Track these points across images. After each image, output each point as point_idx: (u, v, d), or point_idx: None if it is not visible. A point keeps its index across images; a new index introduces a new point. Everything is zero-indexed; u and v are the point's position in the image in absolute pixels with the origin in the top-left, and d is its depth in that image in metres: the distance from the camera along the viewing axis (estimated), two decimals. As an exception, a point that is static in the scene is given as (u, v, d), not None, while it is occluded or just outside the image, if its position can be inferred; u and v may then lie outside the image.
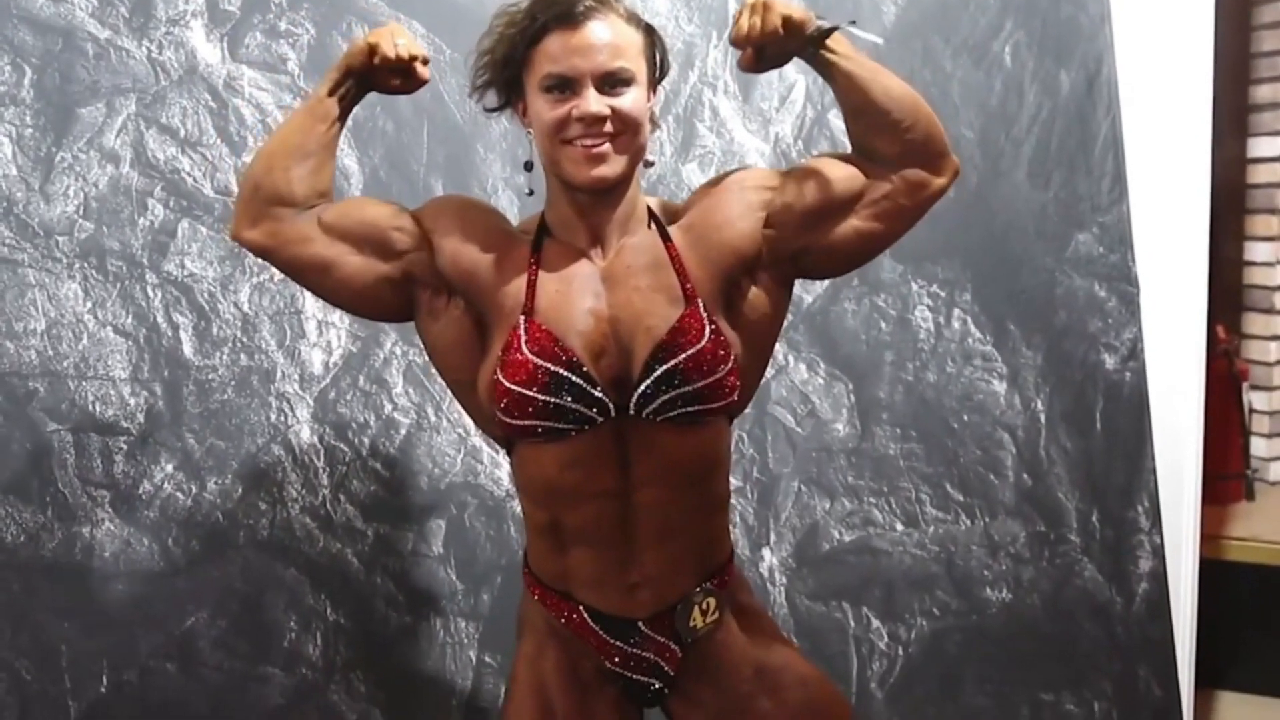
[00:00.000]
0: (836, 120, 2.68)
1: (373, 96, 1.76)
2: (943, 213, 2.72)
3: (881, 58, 1.72)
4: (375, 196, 2.30)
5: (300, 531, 2.32)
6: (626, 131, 1.71)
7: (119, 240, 2.26)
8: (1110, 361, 2.84)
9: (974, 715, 2.72)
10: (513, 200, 2.44)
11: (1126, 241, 2.84)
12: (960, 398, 2.74)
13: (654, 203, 1.85)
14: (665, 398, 1.72)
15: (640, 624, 1.82)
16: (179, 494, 2.27)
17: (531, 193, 1.82)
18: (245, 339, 2.31)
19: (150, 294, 2.27)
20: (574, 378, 1.70)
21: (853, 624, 2.66)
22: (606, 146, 1.70)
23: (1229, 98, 3.95)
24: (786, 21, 1.72)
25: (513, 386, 1.71)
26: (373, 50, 1.75)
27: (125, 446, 2.25)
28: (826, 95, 2.67)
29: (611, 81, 1.69)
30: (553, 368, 1.70)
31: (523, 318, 1.73)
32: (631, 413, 1.73)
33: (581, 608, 1.82)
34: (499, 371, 1.72)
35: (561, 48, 1.69)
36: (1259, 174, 4.30)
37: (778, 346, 1.93)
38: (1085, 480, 2.82)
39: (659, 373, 1.71)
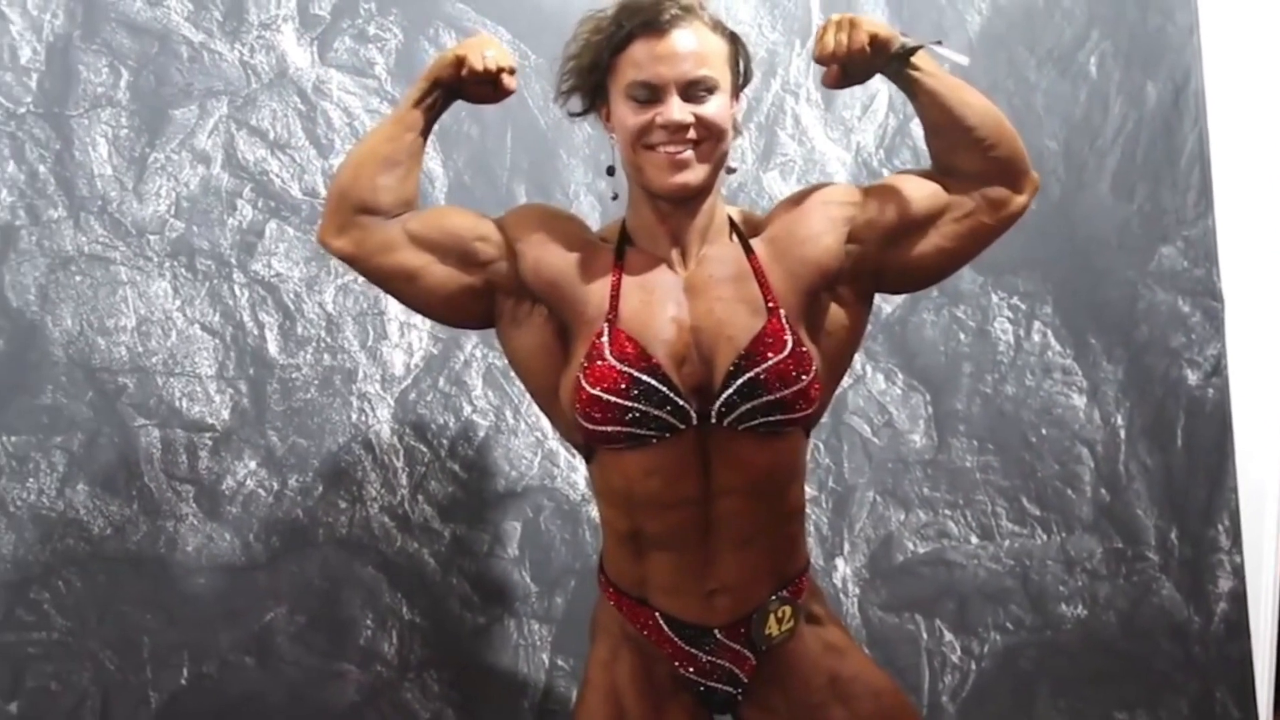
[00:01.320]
0: (919, 129, 2.66)
1: (459, 102, 1.77)
2: (1024, 224, 2.70)
3: (965, 68, 1.71)
4: (459, 201, 2.33)
5: (379, 530, 2.35)
6: (709, 139, 1.72)
7: (208, 240, 2.30)
8: (1193, 377, 2.80)
9: (1046, 732, 2.70)
10: (594, 205, 2.44)
11: (1211, 256, 2.80)
12: (1039, 411, 2.71)
13: (734, 212, 1.85)
14: (746, 407, 1.72)
15: (716, 631, 1.82)
16: (261, 490, 2.30)
17: (615, 197, 1.83)
18: (329, 339, 2.34)
19: (237, 293, 2.31)
20: (657, 384, 1.71)
21: (925, 636, 2.64)
22: (689, 153, 1.71)
23: (1318, 110, 3.87)
24: (873, 39, 1.72)
25: (596, 392, 1.71)
26: (461, 62, 1.77)
27: (210, 443, 2.29)
28: (909, 105, 2.65)
29: (695, 89, 1.70)
30: (636, 374, 1.71)
31: (607, 324, 1.73)
32: (713, 421, 1.73)
33: (657, 614, 1.83)
34: (582, 377, 1.73)
35: (646, 55, 1.70)
36: (1347, 188, 4.21)
37: (855, 356, 1.93)
38: (1165, 497, 2.78)
39: (740, 382, 1.72)
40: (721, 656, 1.84)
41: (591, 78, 1.76)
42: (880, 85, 2.63)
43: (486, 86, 1.80)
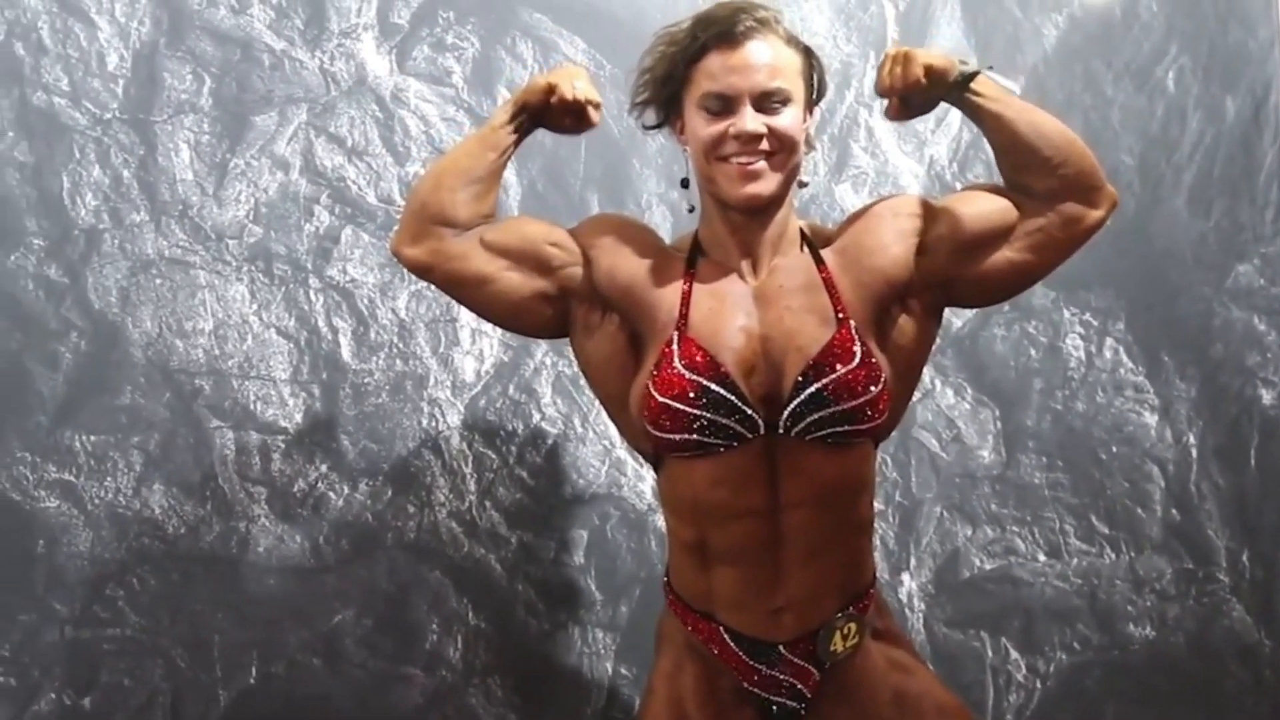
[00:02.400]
0: (993, 143, 2.65)
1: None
2: (1098, 239, 2.66)
3: (1041, 81, 1.70)
4: (532, 210, 2.34)
5: (446, 535, 2.36)
6: (782, 150, 1.72)
7: (285, 245, 2.32)
8: (1268, 397, 2.76)
9: (1112, 752, 2.67)
10: (666, 216, 2.45)
11: (1289, 274, 2.77)
12: (1110, 428, 2.69)
13: (804, 225, 1.86)
14: (814, 417, 1.72)
15: (780, 647, 1.82)
16: (331, 494, 2.33)
17: (692, 209, 1.83)
18: (401, 345, 2.36)
19: (313, 298, 2.33)
20: (725, 393, 1.71)
21: (990, 653, 2.62)
22: (761, 164, 1.72)
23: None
24: (928, 70, 1.73)
25: (665, 400, 1.72)
26: (552, 90, 1.79)
27: (283, 445, 2.31)
28: (983, 118, 2.65)
29: (769, 100, 1.71)
30: (705, 382, 1.71)
31: (676, 332, 1.74)
32: (781, 431, 1.73)
33: (722, 628, 1.83)
34: (651, 385, 1.74)
35: (721, 66, 1.71)
36: None
37: (924, 370, 1.93)
38: (1236, 518, 2.74)
39: (809, 392, 1.72)
40: (786, 671, 1.83)
41: (666, 89, 1.78)
42: (955, 98, 2.62)
43: (571, 117, 1.82)
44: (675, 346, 1.73)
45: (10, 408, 2.23)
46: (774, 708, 1.86)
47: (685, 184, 1.84)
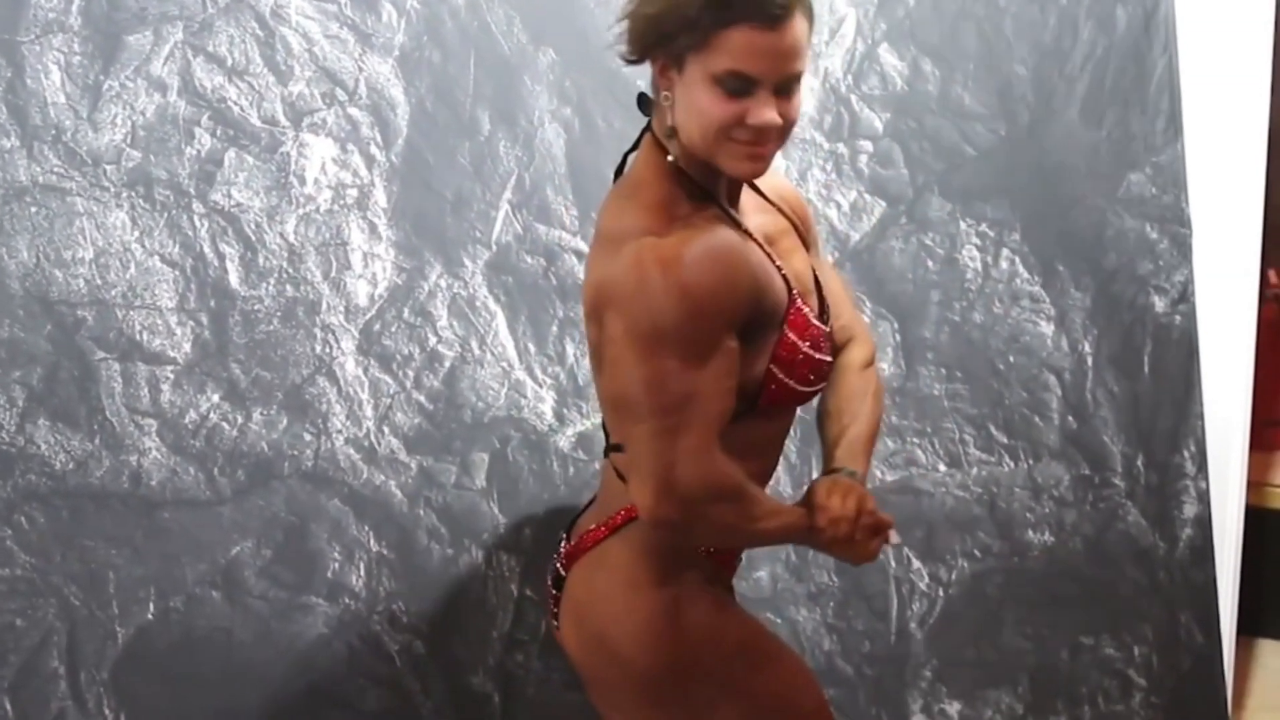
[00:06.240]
0: (887, 55, 2.65)
1: (419, 25, 1.71)
2: (993, 151, 2.71)
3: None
4: (423, 130, 2.31)
5: (345, 463, 2.33)
6: (787, 131, 1.66)
7: (166, 169, 2.25)
8: (1160, 304, 2.81)
9: (1013, 657, 2.72)
10: (559, 133, 2.42)
11: (1180, 183, 2.80)
12: (1007, 339, 2.72)
13: None
14: None
15: None
16: (225, 424, 2.28)
17: (673, 160, 1.71)
18: (291, 270, 2.31)
19: (197, 224, 2.27)
20: (828, 330, 1.81)
21: (894, 564, 2.65)
22: (770, 147, 1.66)
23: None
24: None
25: (814, 355, 1.74)
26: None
27: (172, 376, 2.26)
28: (877, 30, 2.64)
29: (788, 83, 1.62)
30: (823, 325, 1.78)
31: (792, 289, 1.74)
32: None
33: None
34: (802, 345, 1.72)
35: (749, 45, 1.57)
36: (1316, 116, 4.21)
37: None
38: (1131, 424, 2.80)
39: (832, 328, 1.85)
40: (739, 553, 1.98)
41: (673, 45, 1.61)
42: (848, 9, 2.61)
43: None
44: (800, 303, 1.74)
45: (-118, 344, 2.15)
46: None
47: (643, 108, 1.73)
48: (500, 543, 2.41)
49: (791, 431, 2.54)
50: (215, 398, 2.28)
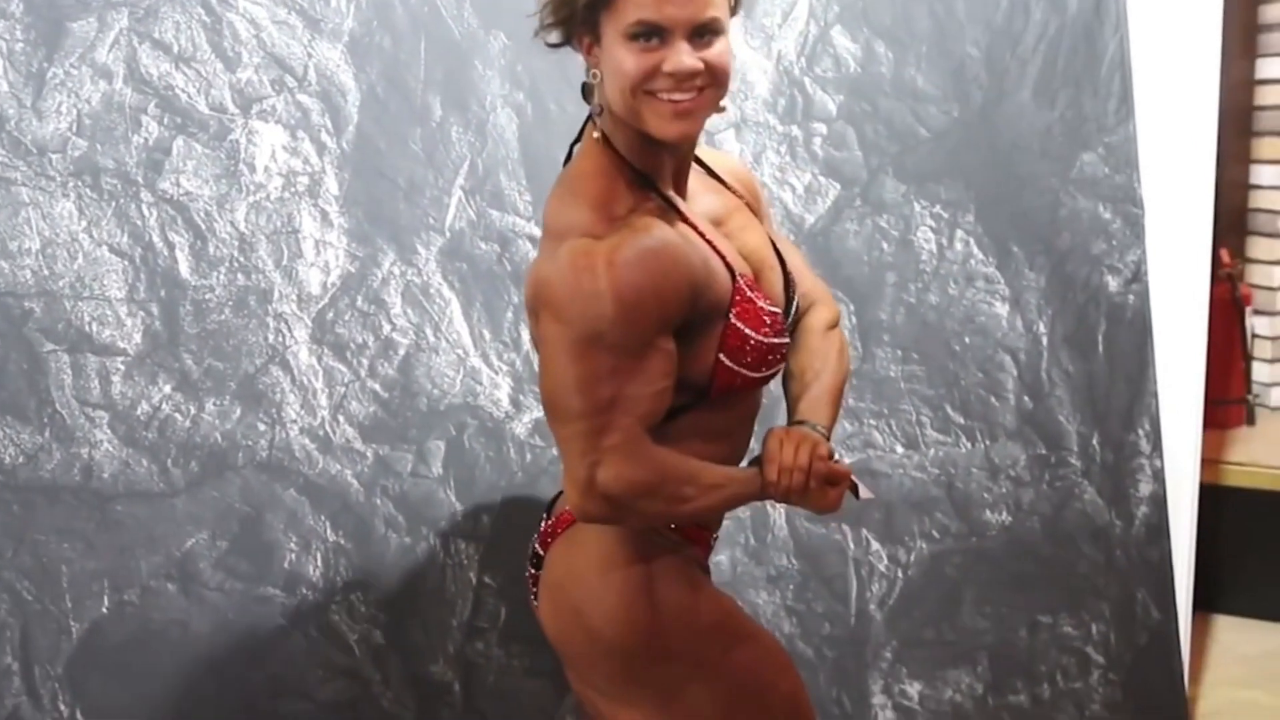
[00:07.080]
0: (841, 38, 2.65)
1: (369, 9, 1.69)
2: (946, 133, 2.71)
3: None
4: (372, 115, 2.29)
5: (299, 452, 2.31)
6: (715, 85, 1.63)
7: (113, 158, 2.23)
8: (1113, 284, 2.82)
9: (972, 637, 2.74)
10: (511, 118, 2.40)
11: (1132, 163, 2.82)
12: (962, 320, 2.73)
13: None
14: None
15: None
16: (177, 415, 2.26)
17: (603, 137, 1.71)
18: (242, 258, 2.29)
19: (145, 213, 2.25)
20: (781, 313, 1.77)
21: (852, 546, 2.66)
22: (695, 101, 1.63)
23: (1239, 17, 3.90)
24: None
25: (765, 340, 1.71)
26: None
27: (123, 367, 2.23)
28: (829, 12, 2.64)
29: (702, 32, 1.60)
30: (774, 309, 1.75)
31: (734, 272, 1.71)
32: None
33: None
34: (751, 333, 1.70)
35: None
36: (1267, 96, 4.26)
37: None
38: (1086, 403, 2.81)
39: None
40: (714, 530, 1.94)
41: (586, 13, 1.63)
42: (800, -8, 2.61)
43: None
44: (745, 286, 1.71)
45: None
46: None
47: (587, 95, 1.71)
48: (458, 530, 2.40)
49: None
50: (167, 389, 2.26)
